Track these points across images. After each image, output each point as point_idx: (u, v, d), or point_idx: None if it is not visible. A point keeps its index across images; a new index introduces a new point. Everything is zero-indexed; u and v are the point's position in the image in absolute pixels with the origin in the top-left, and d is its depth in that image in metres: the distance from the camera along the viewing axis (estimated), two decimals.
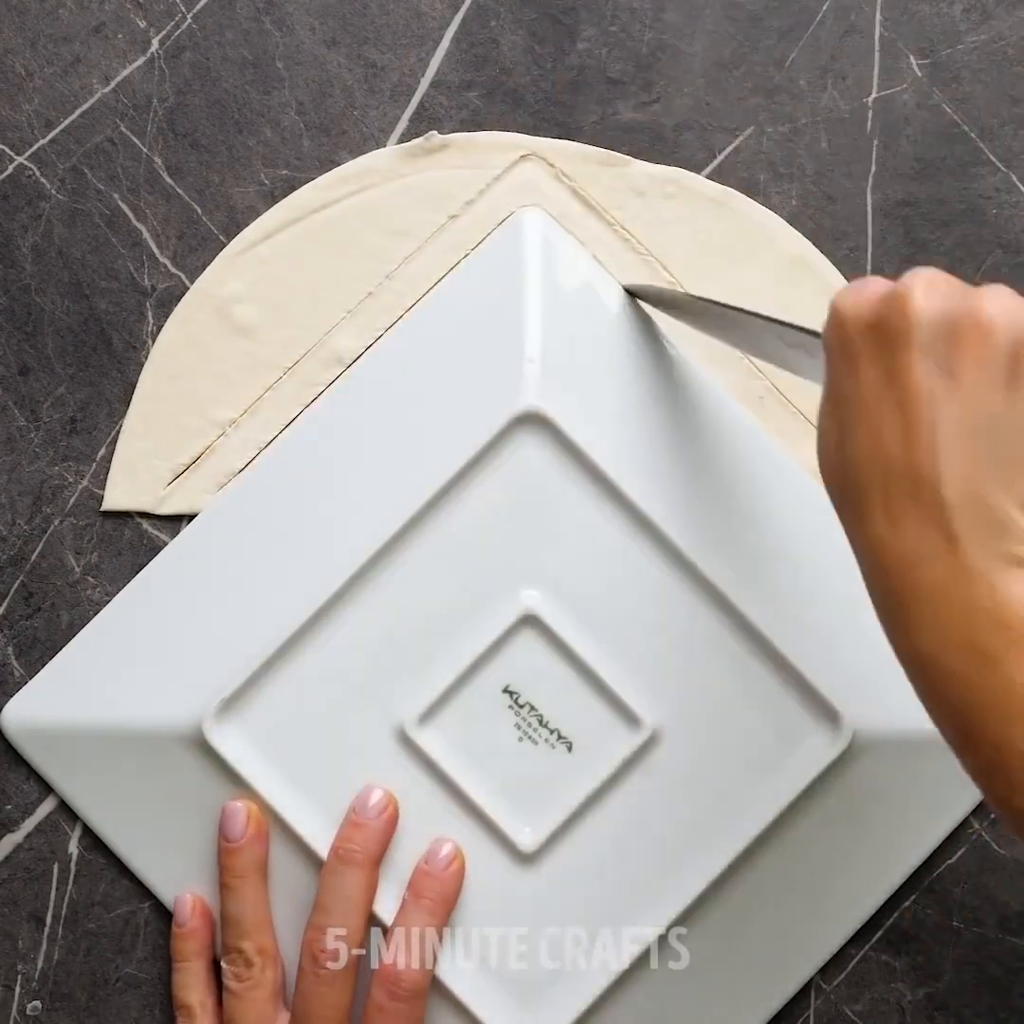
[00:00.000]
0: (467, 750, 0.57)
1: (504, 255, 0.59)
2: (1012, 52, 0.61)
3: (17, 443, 0.61)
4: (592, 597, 0.57)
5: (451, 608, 0.57)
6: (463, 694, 0.57)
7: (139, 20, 0.61)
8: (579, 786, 0.57)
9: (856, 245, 0.61)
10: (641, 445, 0.58)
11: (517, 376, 0.57)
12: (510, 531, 0.57)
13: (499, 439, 0.57)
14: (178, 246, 0.61)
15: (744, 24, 0.62)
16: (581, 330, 0.59)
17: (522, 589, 0.57)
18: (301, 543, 0.58)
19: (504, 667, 0.57)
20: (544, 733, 0.57)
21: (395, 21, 0.62)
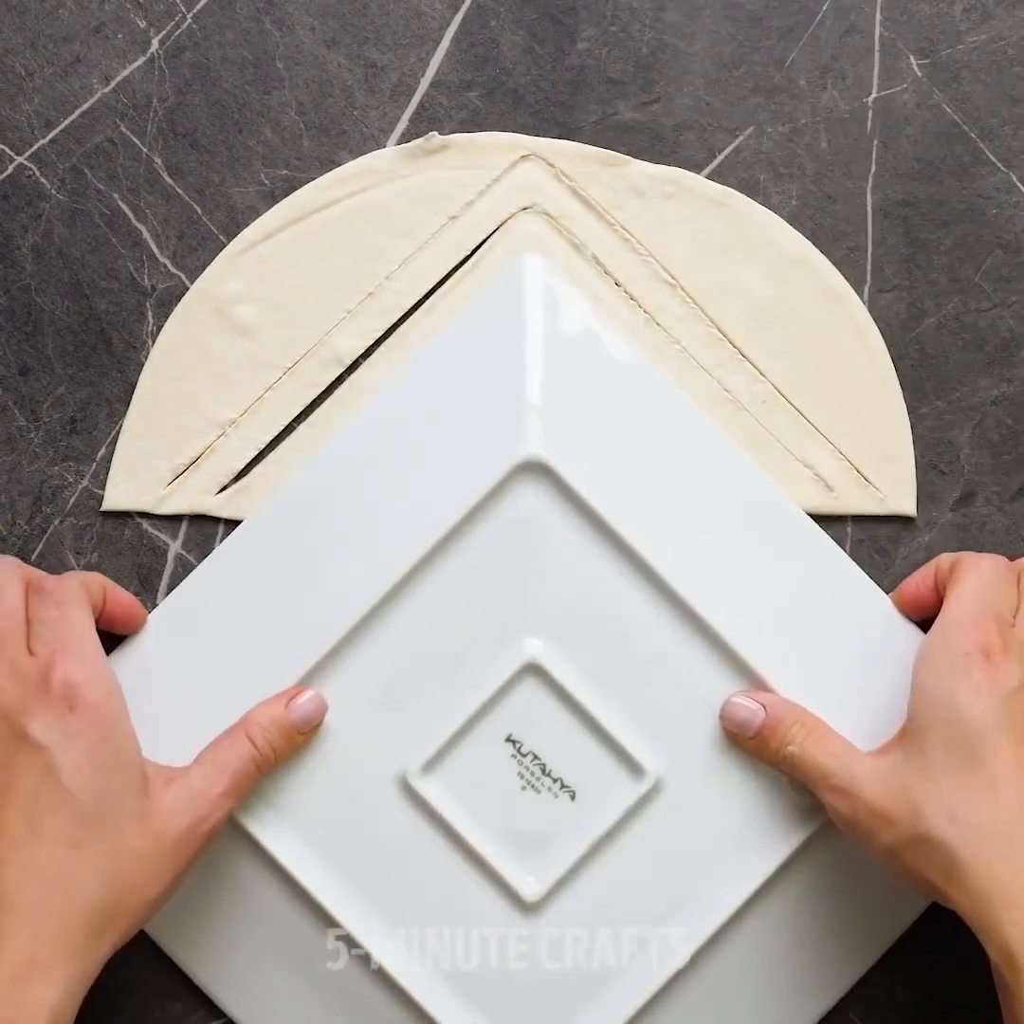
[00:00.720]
0: (470, 799, 0.57)
1: (505, 301, 0.59)
2: (1012, 52, 0.61)
3: (17, 443, 0.61)
4: (595, 645, 0.57)
5: (453, 657, 0.57)
6: (466, 743, 0.57)
7: (139, 20, 0.61)
8: (582, 835, 0.57)
9: (856, 245, 0.61)
10: (643, 491, 0.58)
11: (518, 424, 0.57)
12: (512, 579, 0.57)
13: (501, 487, 0.57)
14: (178, 246, 0.61)
15: (744, 24, 0.62)
16: (582, 376, 0.59)
17: (524, 638, 0.57)
18: (300, 593, 0.58)
19: (507, 716, 0.57)
20: (547, 782, 0.57)
21: (395, 21, 0.62)
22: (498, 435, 0.57)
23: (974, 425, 0.61)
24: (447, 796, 0.57)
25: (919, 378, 0.61)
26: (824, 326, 0.61)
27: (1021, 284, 0.61)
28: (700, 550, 0.58)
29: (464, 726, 0.57)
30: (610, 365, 0.59)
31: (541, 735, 0.57)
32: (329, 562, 0.58)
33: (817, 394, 0.61)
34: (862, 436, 0.61)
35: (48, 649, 0.52)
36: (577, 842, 0.57)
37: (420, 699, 0.57)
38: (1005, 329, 0.61)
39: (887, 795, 0.52)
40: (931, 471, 0.61)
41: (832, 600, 0.58)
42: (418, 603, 0.57)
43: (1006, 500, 0.61)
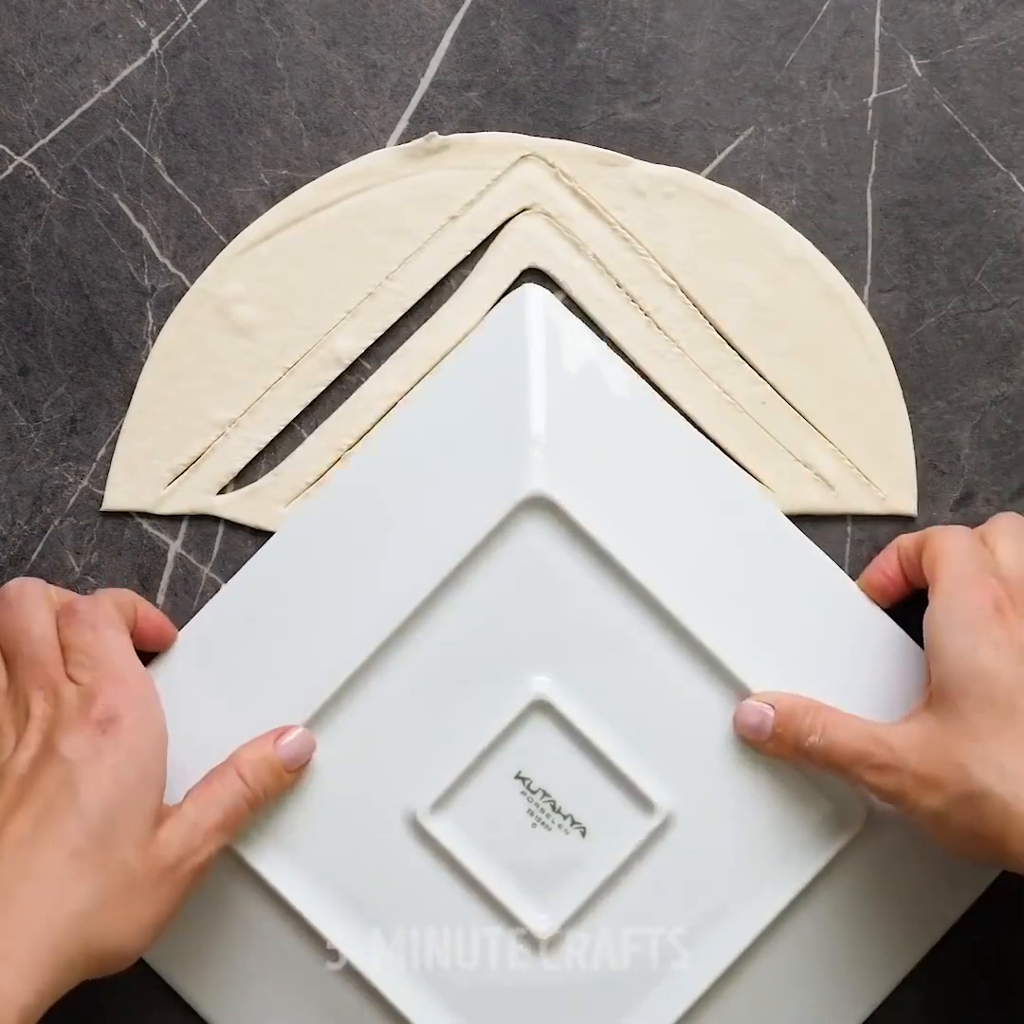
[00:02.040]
0: (480, 837, 0.57)
1: (507, 335, 0.59)
2: (1012, 52, 0.61)
3: (17, 443, 0.61)
4: (603, 681, 0.57)
5: (461, 694, 0.57)
6: (475, 781, 0.57)
7: (139, 20, 0.61)
8: (594, 871, 0.57)
9: (856, 245, 0.61)
10: (647, 524, 0.58)
11: (522, 459, 0.57)
12: (518, 616, 0.57)
13: (505, 523, 0.57)
14: (178, 246, 0.61)
15: (744, 24, 0.62)
16: (586, 410, 0.58)
17: (532, 674, 0.57)
18: (307, 632, 0.58)
19: (515, 753, 0.57)
20: (557, 819, 0.57)
21: (395, 21, 0.62)
22: (502, 471, 0.57)
23: (974, 425, 0.61)
24: (457, 834, 0.57)
25: (919, 378, 0.61)
26: (824, 326, 0.61)
27: (1021, 284, 0.61)
28: (707, 582, 0.58)
29: (473, 764, 0.57)
30: (612, 397, 0.59)
31: (550, 772, 0.57)
32: (335, 599, 0.58)
33: (817, 394, 0.61)
34: (862, 436, 0.61)
35: (88, 676, 0.53)
36: (589, 879, 0.57)
37: (428, 737, 0.57)
38: (1005, 329, 0.61)
39: (932, 760, 0.52)
40: (931, 471, 0.61)
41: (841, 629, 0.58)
42: (425, 640, 0.57)
43: (1006, 500, 0.61)
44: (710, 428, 0.61)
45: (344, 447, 0.61)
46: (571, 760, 0.57)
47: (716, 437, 0.61)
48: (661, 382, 0.61)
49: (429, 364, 0.61)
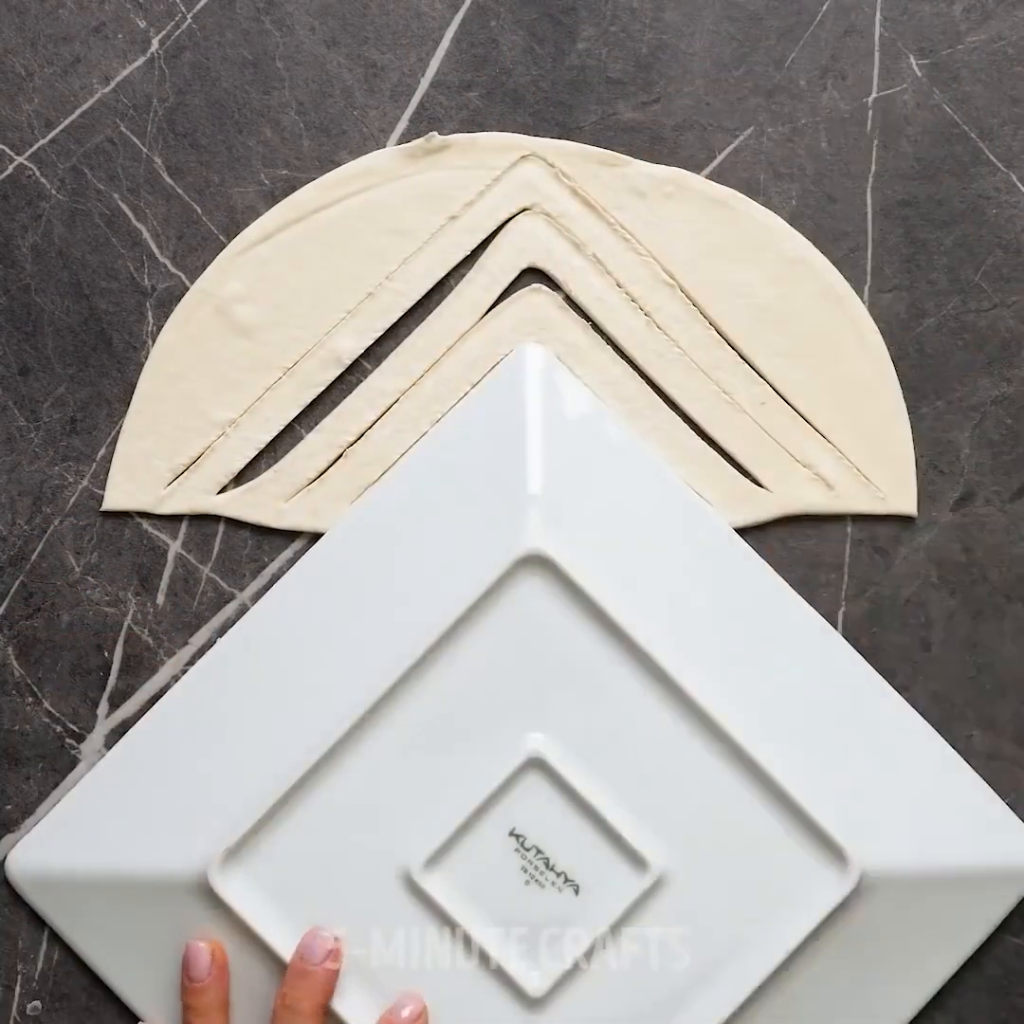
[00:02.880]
0: (473, 894, 0.57)
1: (505, 392, 0.59)
2: (1012, 52, 0.61)
3: (17, 443, 0.61)
4: (598, 738, 0.57)
5: (456, 751, 0.57)
6: (469, 838, 0.57)
7: (139, 20, 0.61)
8: (587, 929, 0.57)
9: (856, 245, 0.61)
10: (644, 583, 0.58)
11: (520, 517, 0.58)
12: (514, 673, 0.57)
13: (502, 581, 0.57)
14: (178, 246, 0.61)
15: (744, 24, 0.62)
16: (583, 466, 0.59)
17: (527, 732, 0.57)
18: (304, 688, 0.58)
19: (510, 810, 0.57)
20: (551, 876, 0.57)
21: (395, 21, 0.62)
22: (499, 529, 0.58)
23: (974, 425, 0.61)
24: (450, 891, 0.57)
25: (919, 378, 0.61)
26: (824, 326, 0.61)
27: (1021, 284, 0.61)
28: (702, 642, 0.58)
29: (467, 821, 0.57)
30: (610, 453, 0.59)
31: (544, 829, 0.57)
32: (332, 658, 0.58)
33: (817, 394, 0.61)
34: (862, 436, 0.61)
35: None
36: (581, 937, 0.57)
37: (423, 793, 0.57)
38: (1005, 329, 0.61)
39: None
40: (931, 471, 0.61)
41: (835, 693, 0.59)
42: (421, 696, 0.57)
43: (1006, 500, 0.61)
44: (710, 428, 0.61)
45: (344, 444, 0.61)
46: (565, 818, 0.57)
47: (716, 437, 0.61)
48: (661, 382, 0.61)
49: (430, 362, 0.61)
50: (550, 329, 0.61)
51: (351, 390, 0.61)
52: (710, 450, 0.61)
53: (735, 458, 0.61)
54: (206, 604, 0.61)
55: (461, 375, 0.61)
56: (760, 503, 0.61)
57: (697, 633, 0.58)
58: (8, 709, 0.61)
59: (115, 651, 0.61)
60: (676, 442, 0.61)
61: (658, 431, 0.61)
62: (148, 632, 0.61)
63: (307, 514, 0.61)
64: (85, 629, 0.61)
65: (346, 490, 0.61)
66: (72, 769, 0.61)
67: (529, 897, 0.57)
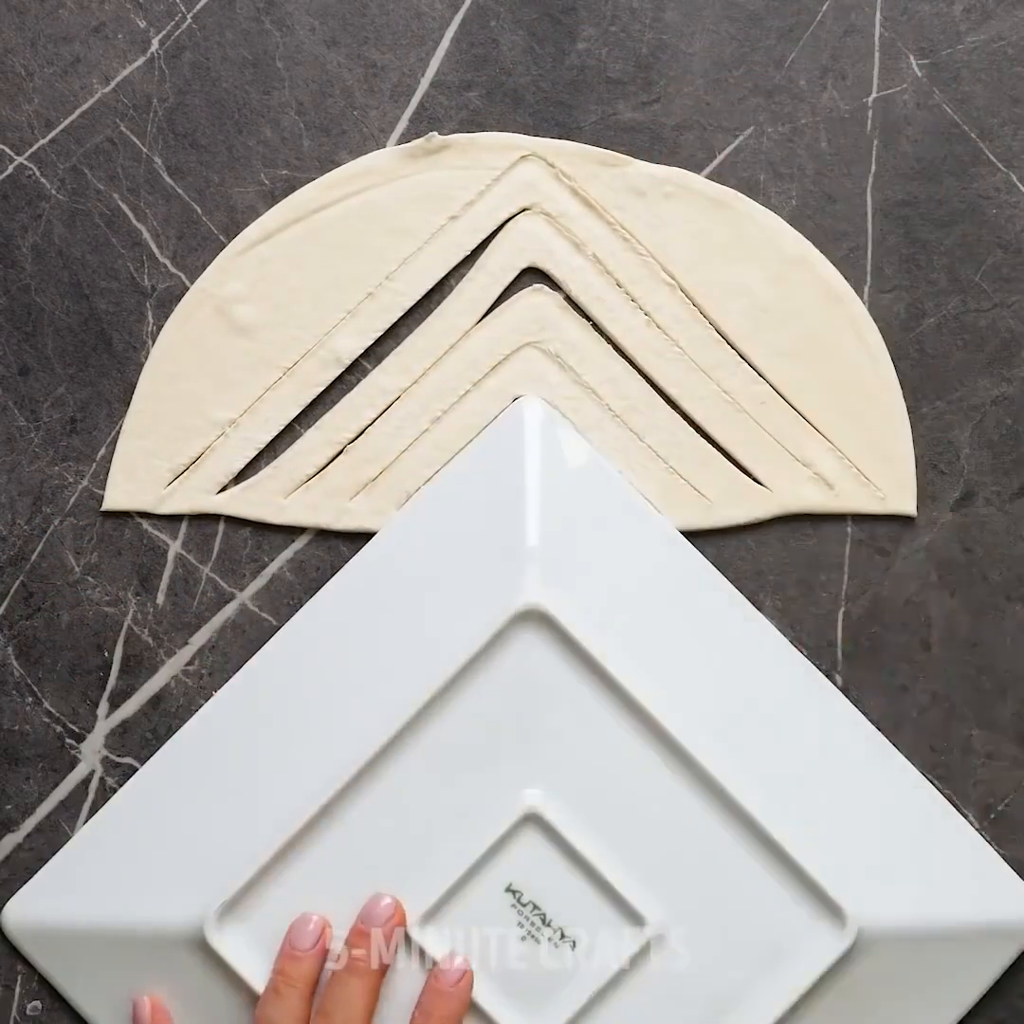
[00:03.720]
0: (470, 950, 0.57)
1: (504, 447, 0.60)
2: (1012, 52, 0.61)
3: (17, 443, 0.61)
4: (595, 794, 0.57)
5: (453, 807, 0.57)
6: (465, 894, 0.57)
7: (139, 20, 0.61)
8: (583, 985, 0.56)
9: (856, 245, 0.61)
10: (642, 639, 0.58)
11: (518, 570, 0.58)
12: (511, 728, 0.57)
13: (500, 635, 0.57)
14: (178, 246, 0.61)
15: (744, 24, 0.62)
16: (581, 520, 0.59)
17: (524, 787, 0.57)
18: (300, 742, 0.58)
19: (506, 866, 0.57)
20: (547, 932, 0.57)
21: (395, 21, 0.62)
22: (497, 583, 0.58)
23: (974, 425, 0.61)
24: (447, 947, 0.57)
25: (919, 378, 0.61)
26: (824, 326, 0.61)
27: (1021, 284, 0.61)
28: (700, 698, 0.58)
29: (463, 877, 0.57)
30: (609, 506, 0.59)
31: (541, 885, 0.57)
32: (329, 713, 0.58)
33: (817, 394, 0.61)
34: (862, 436, 0.61)
35: None
36: (578, 993, 0.56)
37: (419, 849, 0.57)
38: (1005, 329, 0.61)
39: None
40: (931, 471, 0.61)
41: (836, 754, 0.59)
42: (417, 752, 0.57)
43: (1006, 500, 0.61)
44: (710, 427, 0.61)
45: (344, 441, 0.61)
46: (562, 873, 0.57)
47: (716, 436, 0.61)
48: (661, 381, 0.61)
49: (431, 361, 0.61)
50: (550, 329, 0.61)
51: (351, 390, 0.61)
52: (710, 447, 0.61)
53: (735, 457, 0.61)
54: (206, 604, 0.61)
55: (462, 374, 0.61)
56: (760, 501, 0.61)
57: (695, 689, 0.58)
58: (8, 709, 0.61)
59: (115, 651, 0.61)
60: (676, 439, 0.61)
61: (657, 428, 0.61)
62: (148, 632, 0.61)
63: (307, 509, 0.61)
64: (85, 629, 0.61)
65: (346, 486, 0.61)
66: (72, 769, 0.61)
67: (526, 953, 0.57)
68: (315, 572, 0.61)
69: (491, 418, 0.61)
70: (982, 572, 0.61)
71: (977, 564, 0.61)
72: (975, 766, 0.60)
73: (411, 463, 0.61)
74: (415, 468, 0.61)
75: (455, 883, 0.57)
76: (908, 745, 0.60)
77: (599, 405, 0.61)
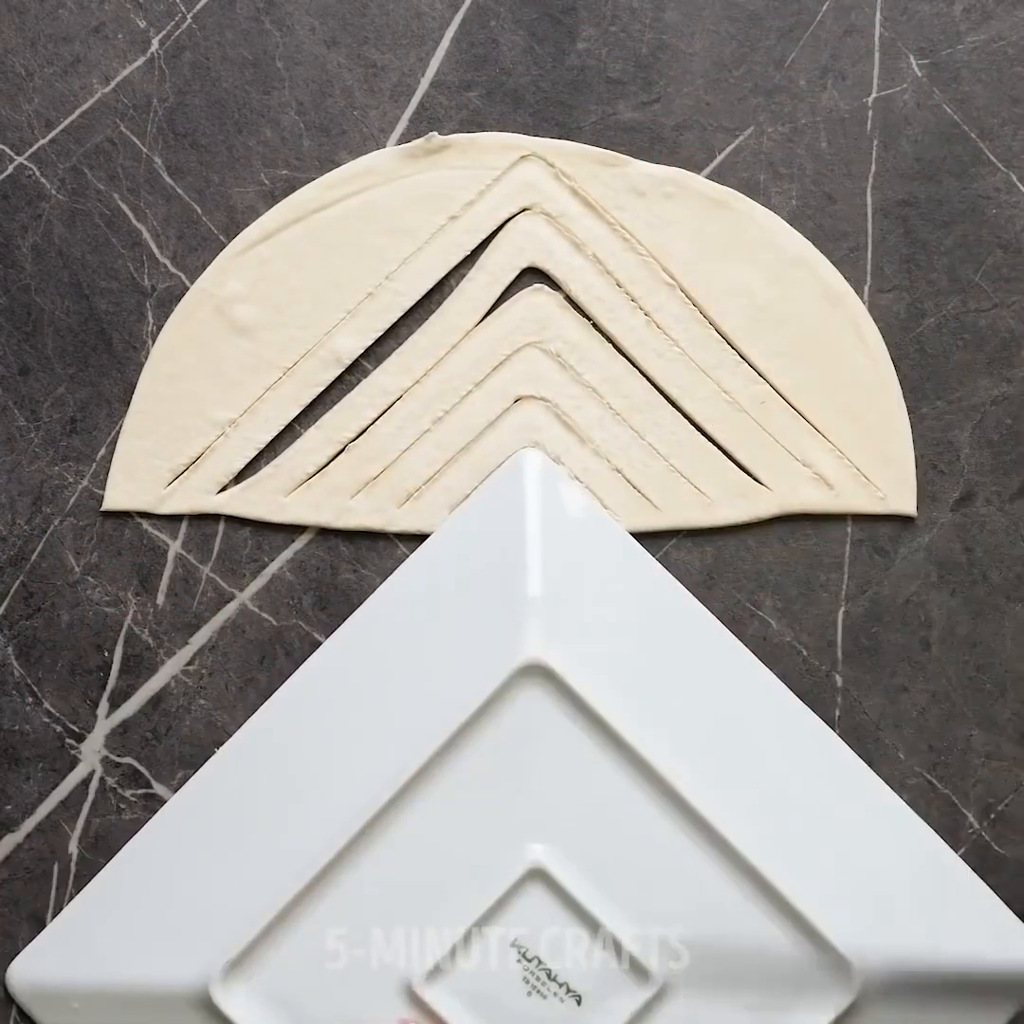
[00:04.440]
0: (476, 1006, 0.57)
1: (505, 499, 0.60)
2: (1012, 52, 0.61)
3: (17, 443, 0.61)
4: (599, 848, 0.57)
5: (457, 863, 0.57)
6: (470, 950, 0.57)
7: (139, 20, 0.61)
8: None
9: (856, 245, 0.61)
10: (644, 691, 0.58)
11: (519, 624, 0.58)
12: (514, 783, 0.57)
13: (502, 690, 0.57)
14: (178, 246, 0.61)
15: (744, 24, 0.62)
16: (581, 572, 0.59)
17: (528, 842, 0.57)
18: (303, 801, 0.58)
19: (511, 922, 0.57)
20: (553, 987, 0.57)
21: (395, 21, 0.62)
22: (499, 637, 0.58)
23: (974, 425, 0.61)
24: (453, 1003, 0.57)
25: (919, 378, 0.61)
26: (824, 326, 0.61)
27: (1021, 284, 0.61)
28: (703, 750, 0.58)
29: (469, 933, 0.57)
30: (608, 556, 0.60)
31: (546, 940, 0.57)
32: (330, 770, 0.58)
33: (817, 394, 0.61)
34: (862, 436, 0.61)
35: None
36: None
37: (424, 907, 0.57)
38: (1005, 329, 0.61)
39: None
40: (931, 471, 0.61)
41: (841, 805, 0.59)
42: (420, 809, 0.57)
43: (1006, 500, 0.61)
44: (710, 427, 0.61)
45: (344, 440, 0.61)
46: (567, 928, 0.57)
47: (716, 436, 0.61)
48: (661, 381, 0.61)
49: (432, 361, 0.61)
50: (551, 328, 0.61)
51: (351, 390, 0.61)
52: (710, 446, 0.61)
53: (735, 457, 0.61)
54: (206, 604, 0.61)
55: (464, 374, 0.61)
56: (759, 500, 0.61)
57: (697, 741, 0.58)
58: (8, 709, 0.61)
59: (115, 651, 0.61)
60: (676, 438, 0.61)
61: (658, 427, 0.61)
62: (148, 632, 0.61)
63: (308, 508, 0.61)
64: (85, 629, 0.61)
65: (347, 484, 0.61)
66: (72, 769, 0.61)
67: (531, 1008, 0.57)
68: (315, 572, 0.61)
69: (493, 418, 0.61)
70: (982, 572, 0.61)
71: (977, 564, 0.61)
72: (975, 766, 0.60)
73: (412, 462, 0.61)
74: (416, 467, 0.61)
75: (460, 940, 0.57)
76: (908, 745, 0.60)
77: (600, 404, 0.61)
